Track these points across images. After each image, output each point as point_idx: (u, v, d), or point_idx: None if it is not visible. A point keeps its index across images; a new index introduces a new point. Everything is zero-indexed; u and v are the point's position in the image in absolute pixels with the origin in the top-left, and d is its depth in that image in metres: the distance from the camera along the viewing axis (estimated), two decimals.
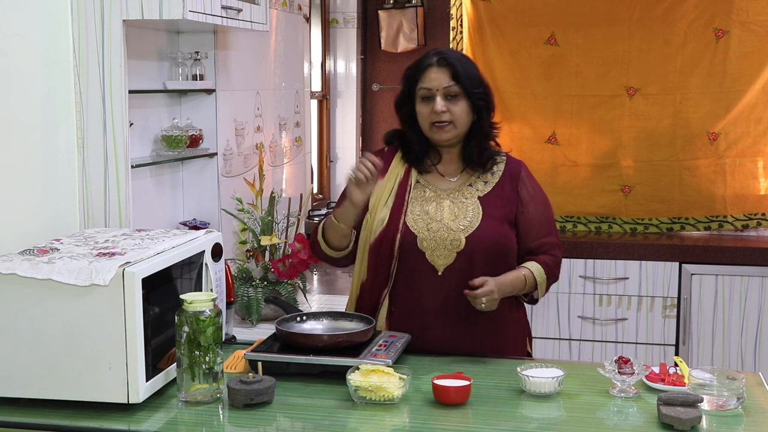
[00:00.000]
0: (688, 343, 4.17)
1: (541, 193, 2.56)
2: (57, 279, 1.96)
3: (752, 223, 4.43)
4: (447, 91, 2.43)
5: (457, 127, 2.45)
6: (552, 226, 2.57)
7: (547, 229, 2.54)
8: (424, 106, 2.45)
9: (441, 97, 2.42)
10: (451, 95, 2.43)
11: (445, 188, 2.50)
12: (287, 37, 4.08)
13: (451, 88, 2.43)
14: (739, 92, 4.36)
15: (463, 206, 2.46)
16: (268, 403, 2.05)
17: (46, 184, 2.52)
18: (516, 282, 2.44)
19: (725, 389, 2.05)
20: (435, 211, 2.47)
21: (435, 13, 5.09)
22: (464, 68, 2.45)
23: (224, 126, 3.45)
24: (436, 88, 2.42)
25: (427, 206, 2.48)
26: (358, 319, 2.41)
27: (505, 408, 2.08)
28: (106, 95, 2.60)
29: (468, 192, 2.49)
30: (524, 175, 2.55)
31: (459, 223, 2.44)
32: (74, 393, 2.00)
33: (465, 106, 2.45)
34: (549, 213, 2.56)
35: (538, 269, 2.47)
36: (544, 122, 4.57)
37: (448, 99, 2.43)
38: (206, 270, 2.32)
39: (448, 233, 2.43)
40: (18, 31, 2.39)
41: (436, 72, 2.44)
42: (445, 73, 2.43)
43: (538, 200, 2.54)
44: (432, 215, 2.46)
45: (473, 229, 2.43)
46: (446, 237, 2.43)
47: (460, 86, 2.43)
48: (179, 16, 2.55)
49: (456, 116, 2.43)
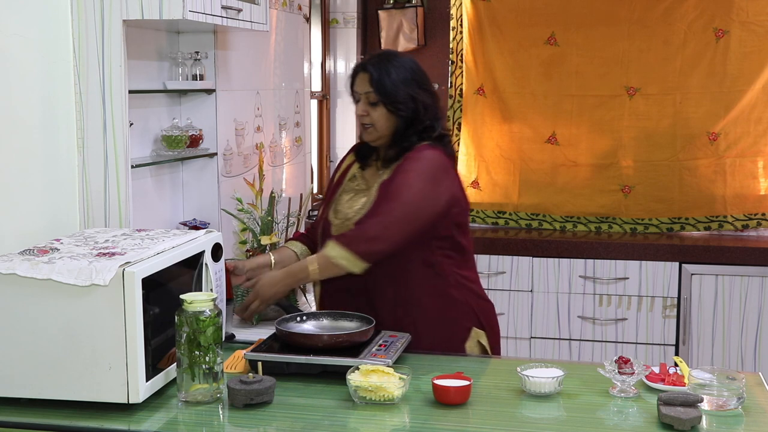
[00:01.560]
0: (688, 343, 4.17)
1: (409, 167, 2.47)
2: (57, 279, 1.96)
3: (752, 223, 4.43)
4: (367, 96, 2.55)
5: (378, 130, 2.55)
6: (391, 198, 2.44)
7: (381, 201, 2.46)
8: (356, 108, 2.60)
9: (364, 100, 2.55)
10: (371, 101, 2.54)
11: (373, 181, 2.60)
12: (287, 37, 4.08)
13: (370, 94, 2.54)
14: (739, 92, 4.36)
15: (369, 195, 2.55)
16: (268, 403, 2.05)
17: (46, 184, 2.52)
18: (298, 272, 2.51)
19: (725, 389, 2.05)
20: (348, 201, 2.60)
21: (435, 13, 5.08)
22: (382, 76, 2.51)
23: (224, 126, 3.44)
24: (360, 93, 2.56)
25: (345, 196, 2.62)
26: (358, 319, 2.41)
27: (505, 408, 2.08)
28: (106, 95, 2.60)
29: (378, 182, 2.57)
30: (412, 153, 2.50)
31: (355, 210, 2.55)
32: (74, 393, 2.00)
33: (384, 112, 2.53)
34: (398, 188, 2.45)
35: (330, 244, 2.44)
36: (544, 122, 4.57)
37: (369, 104, 2.55)
38: (206, 270, 2.32)
39: (345, 221, 2.55)
40: (18, 31, 2.39)
41: (360, 77, 2.57)
42: (365, 79, 2.55)
43: (397, 177, 2.47)
44: (343, 205, 2.60)
45: (359, 216, 2.51)
46: (344, 225, 2.55)
47: (377, 93, 2.53)
48: (179, 16, 2.55)
49: (375, 120, 2.54)
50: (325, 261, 2.46)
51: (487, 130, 4.67)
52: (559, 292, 4.27)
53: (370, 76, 2.53)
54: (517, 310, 4.31)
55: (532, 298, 4.30)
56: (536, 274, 4.29)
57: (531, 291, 4.30)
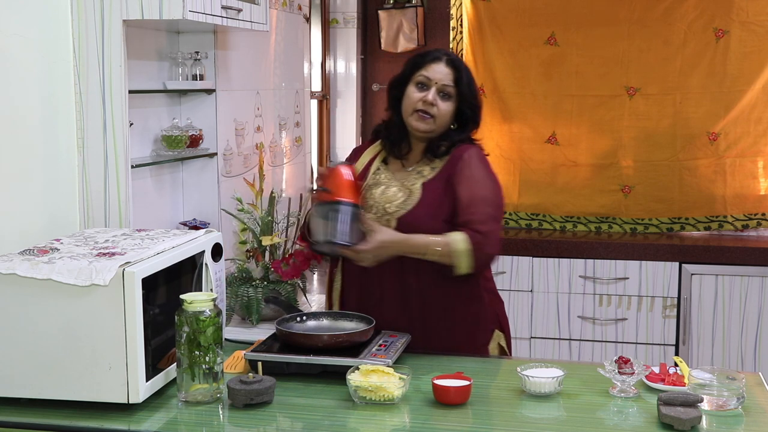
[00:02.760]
0: (688, 343, 4.17)
1: (480, 173, 2.49)
2: (57, 279, 1.96)
3: (752, 223, 4.43)
4: (443, 88, 2.48)
5: (436, 124, 2.50)
6: (484, 204, 2.45)
7: (476, 207, 2.44)
8: (416, 91, 2.50)
9: (436, 91, 2.48)
10: (445, 93, 2.49)
11: (400, 176, 2.56)
12: (287, 37, 4.08)
13: (449, 88, 2.49)
14: (739, 92, 4.36)
15: (407, 191, 2.51)
16: (268, 403, 2.05)
17: (46, 184, 2.52)
18: (416, 243, 2.39)
19: (725, 389, 2.05)
20: (379, 195, 2.53)
21: (435, 13, 5.08)
22: (468, 78, 2.52)
23: (224, 126, 3.45)
24: (435, 81, 2.48)
25: (375, 190, 2.55)
26: (358, 319, 2.41)
27: (505, 408, 2.08)
28: (106, 95, 2.60)
29: (415, 178, 2.53)
30: (466, 156, 2.50)
31: (395, 205, 2.49)
32: (74, 393, 2.00)
33: (451, 109, 2.50)
34: (482, 191, 2.46)
35: (456, 238, 2.38)
36: (544, 122, 4.57)
37: (440, 95, 2.48)
38: (206, 270, 2.32)
39: (383, 216, 2.49)
40: (18, 31, 2.39)
41: (442, 67, 2.49)
42: (450, 72, 2.49)
43: (473, 180, 2.47)
44: (375, 199, 2.53)
45: (404, 212, 2.47)
46: (381, 220, 2.48)
47: (457, 90, 2.49)
48: (179, 16, 2.55)
49: (441, 113, 2.49)
50: (449, 250, 2.37)
51: (487, 130, 4.66)
52: (559, 292, 4.26)
53: (456, 72, 2.49)
54: (517, 310, 4.31)
55: (532, 298, 4.30)
56: (536, 274, 4.29)
57: (531, 291, 4.30)
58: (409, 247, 2.40)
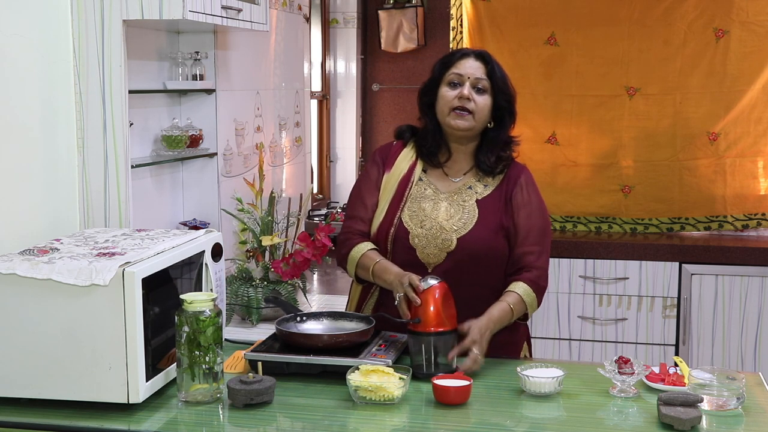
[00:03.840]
0: (688, 343, 4.17)
1: (536, 200, 2.50)
2: (57, 279, 1.96)
3: (752, 223, 4.43)
4: (477, 82, 2.44)
5: (475, 120, 2.43)
6: (540, 235, 2.47)
7: (533, 239, 2.45)
8: (450, 90, 2.45)
9: (470, 86, 2.43)
10: (480, 87, 2.44)
11: (446, 188, 2.50)
12: (287, 37, 4.09)
13: (483, 81, 2.45)
14: (739, 92, 4.36)
15: (460, 208, 2.46)
16: (268, 403, 2.05)
17: (46, 184, 2.52)
18: (503, 316, 2.34)
19: (725, 389, 2.05)
20: (431, 209, 2.46)
21: (435, 13, 5.09)
22: (499, 70, 2.48)
23: (224, 126, 3.45)
24: (468, 76, 2.44)
25: (424, 203, 2.47)
26: (358, 319, 2.41)
27: (505, 408, 2.08)
28: (106, 95, 2.60)
29: (467, 194, 2.48)
30: (523, 180, 2.50)
31: (452, 223, 2.43)
32: (74, 393, 2.00)
33: (488, 102, 2.45)
34: (539, 221, 2.48)
35: (525, 290, 2.39)
36: (544, 122, 4.57)
37: (475, 90, 2.44)
38: (206, 270, 2.32)
39: (440, 232, 2.42)
40: (18, 31, 2.39)
41: (472, 62, 2.46)
42: (480, 66, 2.46)
43: (531, 207, 2.47)
44: (428, 213, 2.45)
45: (466, 231, 2.42)
46: (438, 236, 2.42)
47: (490, 83, 2.45)
48: (179, 16, 2.55)
49: (479, 108, 2.43)
50: (519, 304, 2.37)
51: None
52: (559, 292, 4.26)
53: (486, 65, 2.46)
54: None
55: None
56: None
57: None
58: (498, 324, 2.33)
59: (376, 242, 2.48)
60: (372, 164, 2.59)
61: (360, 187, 2.58)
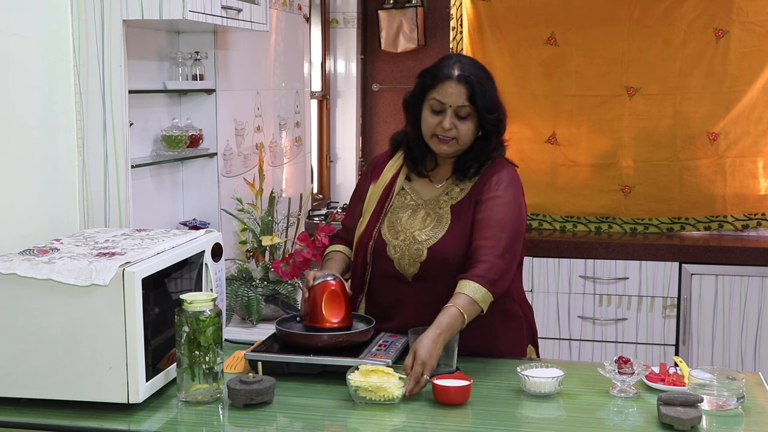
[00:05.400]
0: (688, 343, 4.17)
1: (506, 196, 2.38)
2: (57, 279, 1.96)
3: (752, 223, 4.43)
4: (459, 110, 2.34)
5: (459, 144, 2.38)
6: (498, 228, 2.33)
7: (488, 231, 2.32)
8: (432, 117, 2.36)
9: (452, 113, 2.34)
10: (462, 115, 2.35)
11: (428, 194, 2.46)
12: (287, 37, 4.08)
13: (465, 108, 2.34)
14: (739, 92, 4.36)
15: (435, 216, 2.41)
16: (268, 403, 2.05)
17: (46, 184, 2.52)
18: (452, 322, 2.18)
19: (725, 389, 2.05)
20: (408, 219, 2.43)
21: (435, 13, 5.08)
22: (482, 89, 2.35)
23: (224, 126, 3.45)
24: (450, 105, 2.34)
25: (402, 214, 2.45)
26: (358, 319, 2.41)
27: (505, 408, 2.08)
28: (106, 95, 2.60)
29: (443, 200, 2.43)
30: (496, 178, 2.40)
31: (425, 233, 2.39)
32: (74, 393, 2.00)
33: (473, 126, 2.37)
34: (500, 215, 2.34)
35: (474, 288, 2.23)
36: (544, 122, 4.57)
37: (457, 117, 2.35)
38: (206, 270, 2.32)
39: (413, 243, 2.39)
40: (18, 31, 2.39)
41: (453, 87, 2.33)
42: (462, 91, 2.33)
43: (495, 201, 2.36)
44: (404, 224, 2.43)
45: (436, 240, 2.37)
46: (411, 247, 2.39)
47: (473, 108, 2.34)
48: (179, 16, 2.55)
49: (461, 134, 2.35)
50: (470, 305, 2.21)
51: None
52: (559, 292, 4.27)
53: (470, 89, 2.33)
54: None
55: (532, 298, 4.30)
56: (536, 274, 4.29)
57: (531, 291, 4.30)
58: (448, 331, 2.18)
59: (356, 254, 2.49)
60: (364, 175, 2.62)
61: (352, 196, 2.63)
